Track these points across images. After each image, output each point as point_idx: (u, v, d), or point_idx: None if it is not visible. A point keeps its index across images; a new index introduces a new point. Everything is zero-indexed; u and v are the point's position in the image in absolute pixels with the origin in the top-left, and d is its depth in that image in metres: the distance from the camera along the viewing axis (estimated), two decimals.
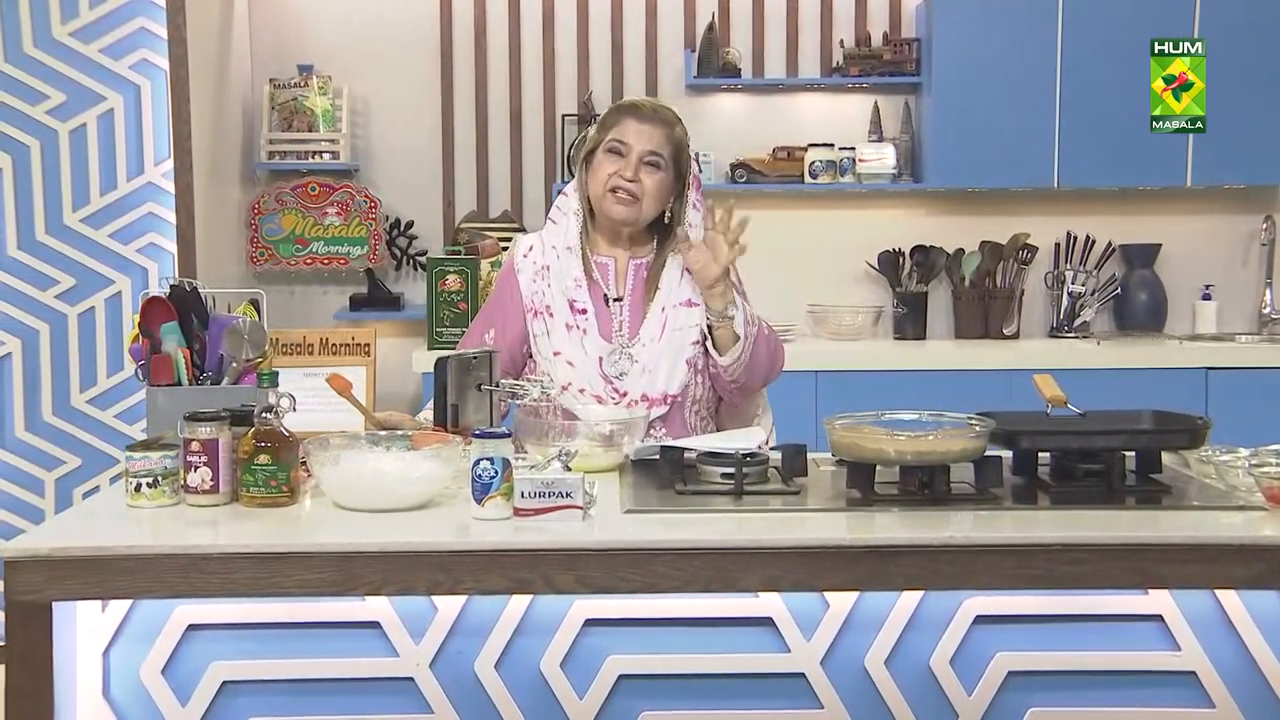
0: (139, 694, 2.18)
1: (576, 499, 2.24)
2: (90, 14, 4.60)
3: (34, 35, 4.56)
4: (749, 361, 2.91)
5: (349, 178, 5.40)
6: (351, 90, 5.41)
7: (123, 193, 4.64)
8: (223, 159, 5.09)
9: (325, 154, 5.32)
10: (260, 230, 5.31)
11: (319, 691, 2.20)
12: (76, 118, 4.61)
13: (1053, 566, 2.16)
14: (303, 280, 5.46)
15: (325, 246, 5.33)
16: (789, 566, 2.15)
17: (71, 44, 4.58)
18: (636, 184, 2.92)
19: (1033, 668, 2.26)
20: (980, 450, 2.43)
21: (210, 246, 4.83)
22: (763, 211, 5.42)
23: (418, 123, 5.47)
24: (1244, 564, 2.16)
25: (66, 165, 4.60)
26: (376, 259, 5.34)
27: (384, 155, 5.48)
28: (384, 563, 2.11)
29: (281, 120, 5.30)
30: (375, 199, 5.36)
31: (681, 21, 5.44)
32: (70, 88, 4.59)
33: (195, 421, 2.34)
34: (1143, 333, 5.37)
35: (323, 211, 5.32)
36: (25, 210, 4.61)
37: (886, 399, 4.83)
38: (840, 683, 2.24)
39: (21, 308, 4.61)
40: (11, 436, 4.63)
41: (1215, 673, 2.25)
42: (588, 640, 2.22)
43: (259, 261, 5.32)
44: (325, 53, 5.40)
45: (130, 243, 4.64)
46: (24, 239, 4.61)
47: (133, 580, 2.09)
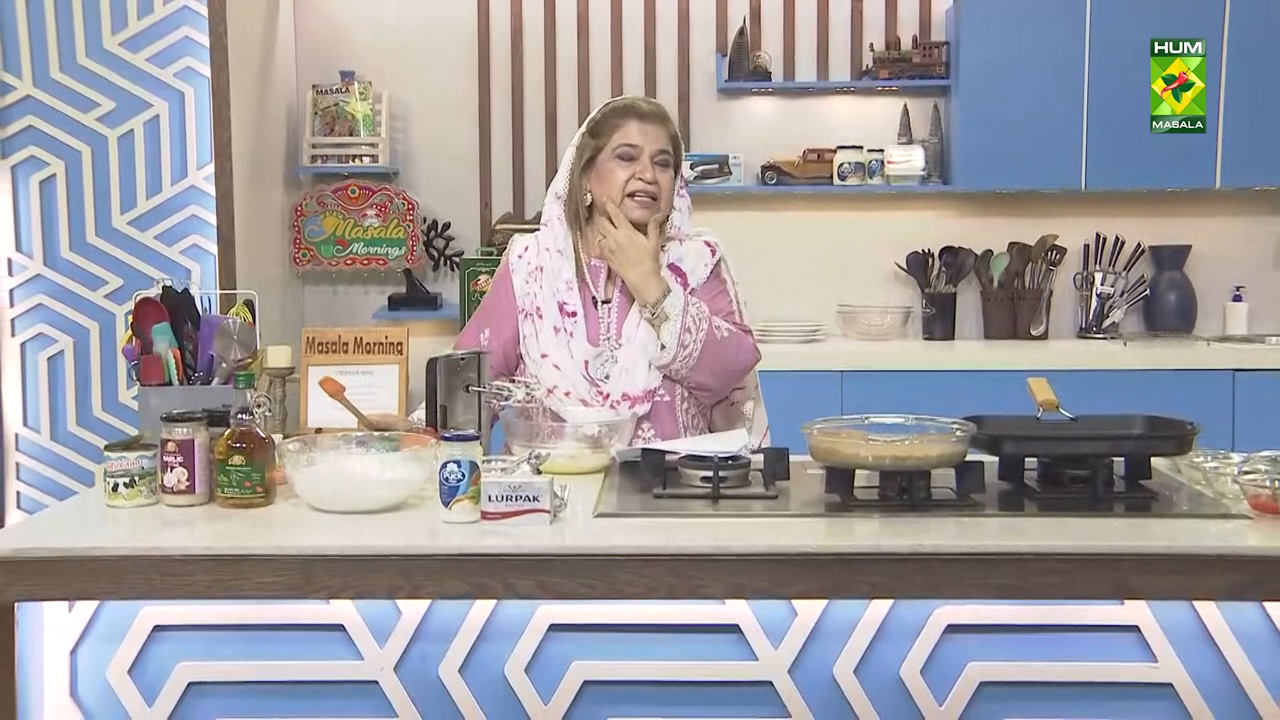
0: (106, 694, 2.12)
1: (544, 503, 2.13)
2: (139, 24, 4.56)
3: (86, 46, 4.54)
4: (697, 364, 2.79)
5: (388, 180, 5.33)
6: (391, 95, 5.35)
7: (167, 196, 4.60)
8: (265, 163, 5.04)
9: (365, 157, 5.26)
10: (303, 232, 5.27)
11: (284, 694, 2.13)
12: (125, 124, 4.58)
13: (1025, 576, 2.03)
14: (344, 280, 5.41)
15: (365, 247, 5.28)
16: (754, 574, 2.03)
17: (121, 53, 4.55)
18: (655, 185, 2.82)
19: (1006, 678, 2.14)
20: (960, 455, 2.30)
21: (252, 248, 4.79)
22: (793, 213, 5.35)
23: (455, 126, 5.39)
24: (1222, 575, 2.01)
25: (115, 170, 4.57)
26: (414, 260, 5.27)
27: (423, 158, 5.41)
28: (344, 566, 2.02)
29: (324, 125, 5.26)
30: (413, 201, 5.29)
31: (714, 25, 5.32)
32: (119, 95, 4.56)
33: (171, 422, 2.27)
34: (1172, 334, 5.17)
35: (362, 213, 5.26)
36: (77, 213, 4.59)
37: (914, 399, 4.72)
38: (809, 692, 2.13)
39: (73, 307, 4.59)
40: (64, 430, 4.61)
41: (1193, 686, 2.11)
42: (552, 646, 2.13)
43: (301, 262, 5.28)
44: (366, 58, 5.34)
45: (174, 244, 4.60)
46: (75, 241, 4.59)
47: (95, 581, 2.02)
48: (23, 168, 4.55)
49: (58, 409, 4.61)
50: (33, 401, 4.60)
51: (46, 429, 4.58)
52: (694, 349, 2.77)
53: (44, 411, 4.59)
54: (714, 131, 5.35)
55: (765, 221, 5.34)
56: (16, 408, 4.60)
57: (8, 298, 4.59)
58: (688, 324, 2.76)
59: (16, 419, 4.60)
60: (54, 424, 4.60)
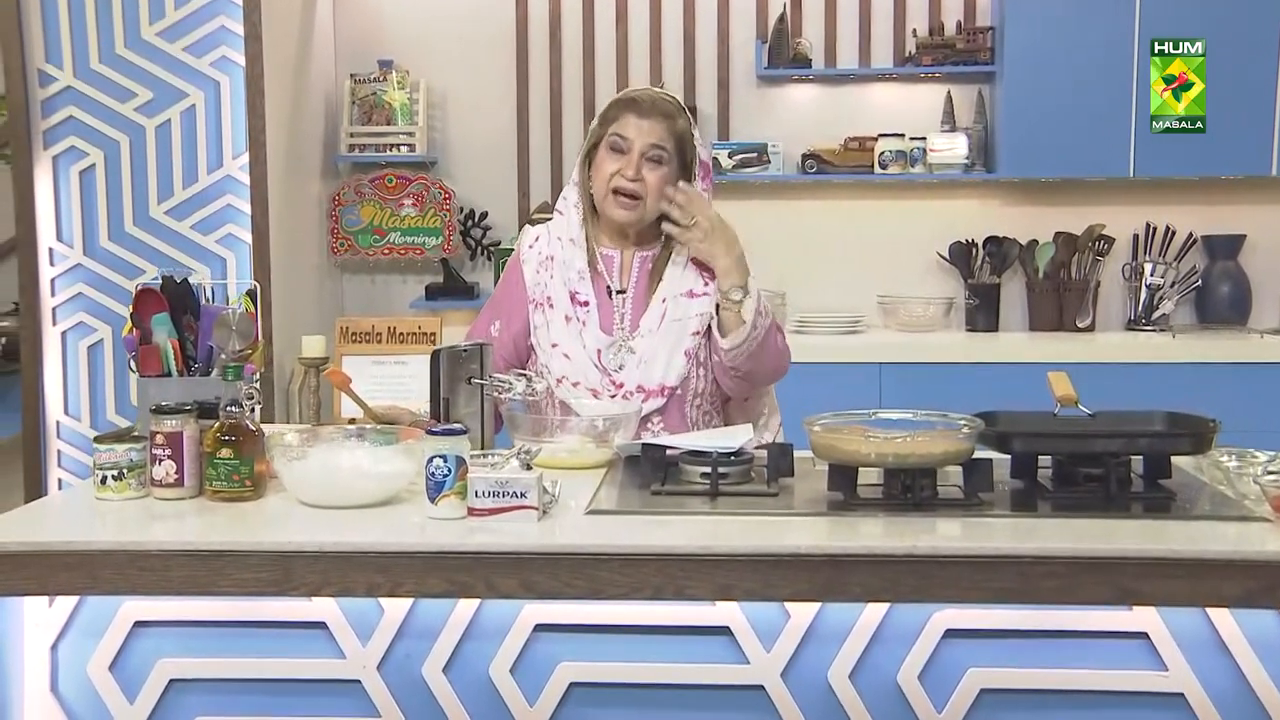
0: (87, 690, 2.08)
1: (531, 499, 2.07)
2: (176, 14, 4.53)
3: (125, 36, 4.53)
4: (755, 351, 2.70)
5: (425, 170, 5.29)
6: (429, 84, 5.30)
7: (203, 185, 4.57)
8: (303, 152, 5.02)
9: (402, 146, 5.23)
10: (340, 221, 5.24)
11: (266, 691, 2.08)
12: (162, 114, 4.55)
13: (1024, 580, 1.93)
14: (382, 269, 5.39)
15: (402, 237, 5.24)
16: (743, 575, 1.95)
17: (158, 44, 4.53)
18: (639, 183, 2.73)
19: (1007, 685, 2.04)
20: (967, 453, 2.21)
21: (287, 237, 4.77)
22: (833, 202, 5.25)
23: (493, 115, 5.33)
24: (1233, 581, 1.91)
25: (153, 160, 4.55)
26: (451, 249, 5.23)
27: (460, 147, 5.36)
28: (323, 563, 1.97)
29: (362, 114, 5.22)
30: (449, 190, 5.25)
31: (754, 12, 5.23)
32: (156, 85, 4.54)
33: (160, 414, 2.23)
34: (1224, 326, 5.00)
35: (399, 203, 5.23)
36: (115, 203, 4.58)
37: (956, 392, 4.61)
38: (802, 696, 2.05)
39: (112, 296, 4.58)
40: (103, 418, 4.61)
41: (1205, 695, 2.00)
42: (538, 646, 2.07)
43: (339, 251, 5.25)
44: (404, 47, 5.30)
45: (210, 234, 4.58)
46: (114, 230, 4.59)
47: (71, 576, 1.98)
48: (64, 158, 4.55)
49: (97, 397, 4.61)
50: (73, 390, 4.61)
51: (87, 417, 4.59)
52: (760, 336, 2.70)
53: (84, 399, 4.59)
54: (754, 119, 5.26)
55: (805, 211, 5.24)
56: (58, 396, 4.61)
57: (49, 287, 4.60)
58: (760, 307, 2.70)
59: (58, 407, 4.61)
60: (94, 412, 4.60)
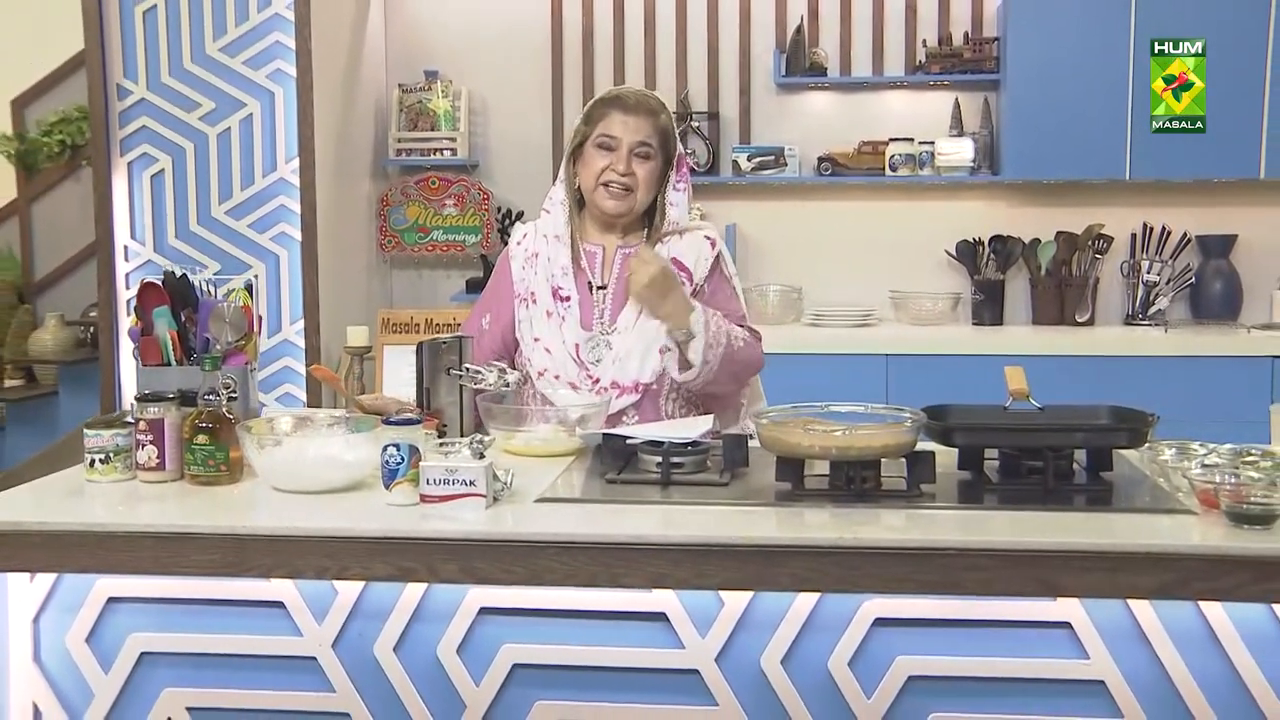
0: (66, 662, 2.02)
1: (480, 487, 1.97)
2: (237, 30, 4.51)
3: (191, 51, 4.51)
4: (713, 377, 2.58)
5: (466, 172, 5.21)
6: (470, 91, 5.21)
7: (259, 188, 4.55)
8: (353, 156, 4.97)
9: (445, 151, 5.15)
10: (388, 220, 5.18)
11: (230, 666, 2.01)
12: (223, 122, 4.54)
13: (949, 572, 1.81)
14: (426, 265, 5.31)
15: (444, 235, 5.17)
16: (674, 564, 1.85)
17: (220, 58, 4.51)
18: (630, 177, 2.63)
19: (935, 672, 1.91)
20: (908, 446, 2.08)
21: (336, 235, 4.72)
22: (847, 202, 5.10)
23: (530, 121, 5.23)
24: (1150, 573, 1.77)
25: (214, 164, 4.55)
26: (489, 246, 5.14)
27: (499, 151, 5.27)
28: (275, 547, 1.89)
29: (408, 120, 5.15)
30: (488, 191, 5.17)
31: (773, 24, 5.08)
32: (218, 96, 4.52)
33: (143, 402, 2.16)
34: (1216, 321, 4.79)
35: (442, 203, 5.16)
36: (181, 204, 4.58)
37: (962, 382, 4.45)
38: (736, 681, 1.94)
39: None
40: None
41: (1125, 683, 1.87)
42: (483, 628, 1.97)
43: (387, 248, 5.19)
44: (448, 58, 5.22)
45: (265, 231, 4.56)
46: (180, 229, 4.58)
47: (44, 555, 1.93)
48: (137, 164, 4.56)
49: None
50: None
51: None
52: (714, 364, 2.57)
53: None
54: (772, 124, 5.11)
55: (820, 211, 5.10)
56: (131, 382, 4.61)
57: (124, 281, 4.60)
58: (709, 340, 2.55)
59: (132, 392, 4.59)
60: None
